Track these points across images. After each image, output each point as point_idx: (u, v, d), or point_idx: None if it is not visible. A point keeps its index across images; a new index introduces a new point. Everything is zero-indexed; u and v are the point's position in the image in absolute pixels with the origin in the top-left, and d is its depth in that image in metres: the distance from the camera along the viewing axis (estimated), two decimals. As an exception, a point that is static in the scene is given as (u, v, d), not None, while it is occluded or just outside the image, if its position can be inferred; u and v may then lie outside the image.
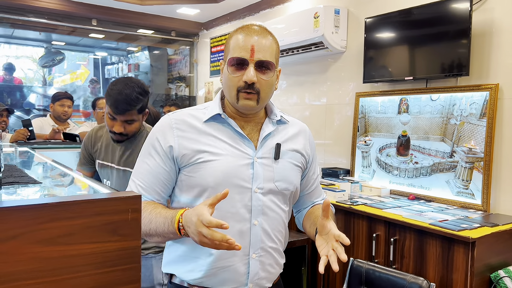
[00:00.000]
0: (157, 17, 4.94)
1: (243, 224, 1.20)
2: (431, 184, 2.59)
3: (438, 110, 2.56)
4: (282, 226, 1.28)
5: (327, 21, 3.13)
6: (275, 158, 1.24)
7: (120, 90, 1.76)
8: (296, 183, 1.28)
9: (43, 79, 8.03)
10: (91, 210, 0.91)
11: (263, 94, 1.20)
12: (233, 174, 1.19)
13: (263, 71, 1.18)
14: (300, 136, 1.33)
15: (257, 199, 1.21)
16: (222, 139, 1.23)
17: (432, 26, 2.54)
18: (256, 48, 1.17)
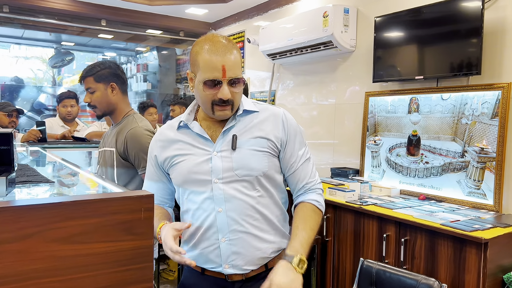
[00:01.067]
0: (165, 17, 4.95)
1: (209, 212, 1.35)
2: (442, 184, 2.57)
3: (449, 109, 2.54)
4: (252, 210, 1.35)
5: (337, 20, 3.12)
6: (232, 149, 1.34)
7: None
8: (261, 168, 1.35)
9: (52, 79, 8.09)
10: (105, 209, 0.92)
11: (236, 102, 1.35)
12: (194, 170, 1.36)
13: (235, 86, 1.32)
14: (267, 122, 1.39)
15: (218, 189, 1.34)
16: (188, 142, 1.40)
17: (442, 25, 2.52)
18: (226, 67, 1.28)
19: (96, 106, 2.02)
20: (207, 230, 1.36)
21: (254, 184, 1.35)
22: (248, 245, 1.35)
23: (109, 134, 2.11)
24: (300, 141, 1.43)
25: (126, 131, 1.99)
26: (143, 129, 2.01)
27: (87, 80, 2.00)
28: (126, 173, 2.02)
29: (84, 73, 2.01)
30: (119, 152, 1.99)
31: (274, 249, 1.39)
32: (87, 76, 2.00)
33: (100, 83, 2.01)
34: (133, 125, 2.00)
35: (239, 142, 1.35)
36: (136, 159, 1.95)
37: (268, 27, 3.83)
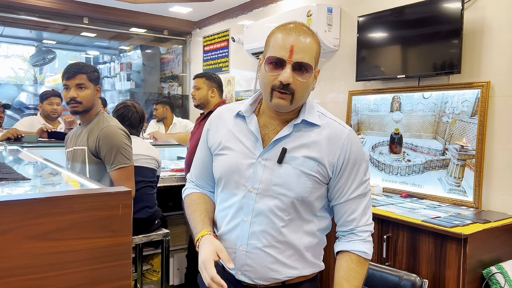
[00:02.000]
0: (149, 16, 4.91)
1: (235, 217, 1.27)
2: (424, 181, 2.60)
3: (430, 108, 2.58)
4: (276, 233, 1.24)
5: (320, 20, 3.13)
6: (278, 162, 1.22)
7: (70, 64, 2.13)
8: (302, 192, 1.22)
9: (34, 78, 7.95)
10: (82, 206, 0.90)
11: (297, 95, 1.19)
12: (234, 171, 1.26)
13: (301, 73, 1.18)
14: (326, 142, 1.24)
15: (250, 198, 1.24)
16: (238, 136, 1.29)
17: (424, 25, 2.55)
18: (295, 49, 1.16)
19: (82, 102, 2.09)
20: (229, 232, 1.29)
21: (287, 206, 1.23)
22: (262, 263, 1.26)
23: (78, 133, 2.17)
24: (359, 172, 1.26)
25: (99, 130, 2.09)
26: (116, 128, 2.14)
27: (80, 76, 2.07)
28: (98, 169, 2.11)
29: (78, 69, 2.07)
30: (91, 149, 2.08)
31: (293, 275, 1.27)
32: (81, 72, 2.07)
33: (91, 83, 2.11)
34: (105, 123, 2.12)
35: (287, 157, 1.22)
36: (107, 156, 2.05)
37: (252, 26, 3.83)
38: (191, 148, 2.92)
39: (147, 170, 2.75)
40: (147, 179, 2.73)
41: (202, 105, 2.95)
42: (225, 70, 4.70)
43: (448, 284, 1.93)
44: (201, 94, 2.94)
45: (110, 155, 2.06)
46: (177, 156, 4.25)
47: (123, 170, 2.08)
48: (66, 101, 2.12)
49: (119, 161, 2.07)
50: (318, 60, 1.24)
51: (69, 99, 2.08)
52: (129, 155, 2.12)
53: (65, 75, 2.09)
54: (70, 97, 2.08)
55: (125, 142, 2.12)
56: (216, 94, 2.94)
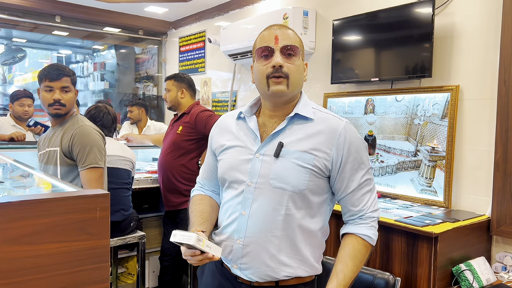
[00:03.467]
0: (124, 15, 4.85)
1: (235, 210, 1.32)
2: (396, 182, 2.67)
3: (403, 110, 2.65)
4: (274, 226, 1.26)
5: (296, 23, 3.17)
6: (275, 156, 1.27)
7: (50, 65, 2.12)
8: (299, 185, 1.25)
9: (2, 77, 7.70)
10: (58, 209, 0.89)
11: (292, 79, 1.27)
12: (234, 167, 1.32)
13: (289, 57, 1.27)
14: (321, 135, 1.28)
15: (249, 192, 1.28)
16: (239, 135, 1.36)
17: (397, 29, 2.62)
18: (280, 37, 1.27)
19: (66, 105, 2.10)
20: (228, 226, 1.34)
21: (285, 200, 1.26)
22: (258, 258, 1.28)
23: (51, 135, 2.16)
24: (359, 162, 1.29)
25: (74, 129, 2.08)
26: (91, 127, 2.14)
27: (66, 79, 2.08)
28: (70, 171, 2.09)
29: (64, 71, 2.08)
30: (64, 150, 2.06)
31: (288, 273, 1.28)
32: (66, 75, 2.08)
33: (73, 86, 2.14)
34: (79, 123, 2.12)
35: (284, 151, 1.27)
36: (80, 154, 2.04)
37: (229, 28, 3.83)
38: (164, 149, 2.91)
39: (122, 171, 2.72)
40: (122, 181, 2.69)
41: (174, 107, 2.94)
42: (201, 71, 4.68)
43: (420, 281, 1.98)
44: (171, 96, 2.93)
45: (82, 153, 2.03)
46: (152, 158, 4.21)
47: (94, 171, 2.05)
48: (47, 103, 2.07)
49: (90, 161, 2.04)
50: (303, 52, 1.34)
51: (53, 101, 2.06)
52: (102, 157, 2.09)
53: (48, 76, 2.05)
54: (55, 99, 2.05)
55: (99, 142, 2.09)
56: (186, 94, 2.92)
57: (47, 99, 2.06)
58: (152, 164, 3.86)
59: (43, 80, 2.06)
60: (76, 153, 2.04)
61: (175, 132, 2.82)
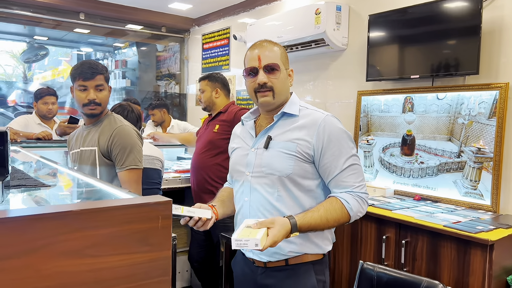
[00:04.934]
0: (147, 12, 4.79)
1: (241, 199, 1.53)
2: (438, 184, 2.55)
3: (445, 109, 2.52)
4: (270, 206, 1.44)
5: (329, 18, 3.06)
6: (264, 148, 1.47)
7: (82, 62, 2.01)
8: (284, 169, 1.42)
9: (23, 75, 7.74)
10: (119, 218, 0.82)
11: (276, 90, 1.47)
12: (237, 162, 1.57)
13: (272, 73, 1.47)
14: (304, 128, 1.45)
15: (248, 181, 1.50)
16: (241, 136, 1.61)
17: (440, 23, 2.50)
18: (261, 57, 1.47)
19: (101, 104, 2.02)
20: (239, 213, 1.55)
21: (275, 183, 1.44)
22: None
23: (85, 134, 2.08)
24: (340, 149, 1.41)
25: (113, 129, 2.01)
26: (130, 128, 2.06)
27: (99, 77, 2.00)
28: (108, 172, 2.02)
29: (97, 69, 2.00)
30: (102, 150, 1.98)
31: (294, 249, 1.43)
32: (99, 73, 2.00)
33: (107, 83, 2.05)
34: (118, 123, 2.04)
35: (272, 143, 1.47)
36: (120, 155, 1.97)
37: (256, 24, 3.74)
38: (199, 148, 2.83)
39: (152, 171, 2.65)
40: (152, 181, 2.63)
41: (209, 108, 2.87)
42: (225, 68, 4.60)
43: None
44: (206, 97, 2.86)
45: (122, 154, 1.96)
46: (177, 157, 4.15)
47: (133, 172, 1.98)
48: (81, 103, 1.99)
49: (130, 162, 1.97)
50: (286, 61, 1.53)
51: (88, 101, 1.97)
52: (141, 158, 2.03)
53: (82, 75, 1.96)
54: (90, 99, 1.96)
55: (138, 143, 2.03)
56: (220, 94, 2.86)
57: (82, 98, 1.97)
58: (179, 163, 3.79)
59: (76, 79, 1.97)
60: (115, 154, 1.97)
61: (211, 131, 2.75)
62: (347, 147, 1.42)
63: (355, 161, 1.43)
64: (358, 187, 1.42)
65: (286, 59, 1.53)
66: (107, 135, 2.00)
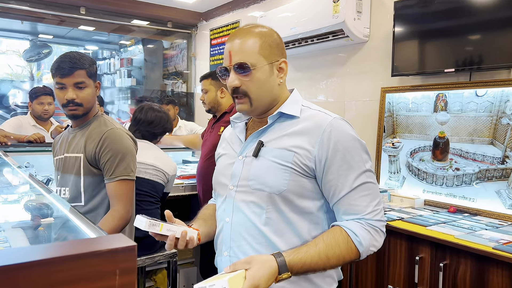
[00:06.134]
0: (152, 6, 4.52)
1: (221, 219, 1.24)
2: (477, 194, 2.21)
3: (486, 107, 2.18)
4: (256, 231, 1.14)
5: (349, 6, 2.74)
6: (253, 156, 1.17)
7: (62, 55, 1.72)
8: (278, 185, 1.12)
9: (30, 74, 7.55)
10: (44, 279, 0.53)
11: (253, 95, 1.17)
12: (220, 172, 1.28)
13: (245, 73, 1.15)
14: (305, 133, 1.15)
15: (230, 196, 1.20)
16: (229, 140, 1.32)
17: (479, 9, 2.16)
18: (232, 53, 1.16)
19: (83, 104, 1.72)
20: (217, 236, 1.26)
21: (265, 202, 1.13)
22: None
23: (71, 138, 1.81)
24: (349, 162, 1.11)
25: (102, 133, 1.72)
26: (122, 131, 1.77)
27: (79, 72, 1.68)
28: (94, 182, 1.73)
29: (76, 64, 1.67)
30: (88, 157, 1.71)
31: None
32: (79, 68, 1.68)
33: (91, 79, 1.74)
34: (109, 126, 1.75)
35: (263, 150, 1.17)
36: (109, 163, 1.68)
37: (267, 16, 3.43)
38: (204, 154, 2.54)
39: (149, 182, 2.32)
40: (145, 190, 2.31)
41: (214, 109, 2.58)
42: (234, 65, 4.30)
43: (530, 329, 1.54)
44: (210, 97, 2.57)
45: (112, 162, 1.68)
46: (182, 160, 3.86)
47: (125, 184, 1.70)
48: (61, 103, 1.70)
49: (121, 172, 1.68)
50: (272, 52, 1.17)
51: (66, 101, 1.67)
52: (134, 167, 1.74)
53: (59, 71, 1.66)
54: (68, 99, 1.67)
55: (131, 150, 1.74)
56: (226, 93, 2.56)
57: (60, 98, 1.69)
58: (183, 168, 3.50)
59: (54, 76, 1.69)
60: (104, 161, 1.68)
61: (216, 134, 2.45)
62: (359, 159, 1.12)
63: (369, 179, 1.13)
64: (371, 213, 1.11)
65: (272, 48, 1.18)
66: (95, 140, 1.72)
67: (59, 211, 1.18)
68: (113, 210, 1.68)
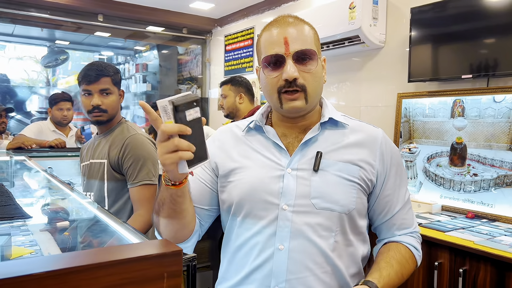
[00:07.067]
0: (168, 13, 4.59)
1: (266, 247, 1.01)
2: (495, 200, 2.20)
3: (504, 113, 2.18)
4: (322, 258, 1.00)
5: (365, 12, 2.76)
6: (314, 170, 1.01)
7: (89, 64, 1.79)
8: (348, 203, 1.01)
9: (46, 80, 7.69)
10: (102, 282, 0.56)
11: (310, 90, 1.02)
12: (259, 188, 1.03)
13: (305, 63, 1.01)
14: (363, 145, 1.06)
15: (285, 219, 1.00)
16: (255, 149, 1.08)
17: (497, 15, 2.16)
18: (290, 39, 0.99)
19: (107, 111, 1.79)
20: (256, 270, 1.02)
21: (333, 224, 1.01)
22: None
23: (96, 144, 1.86)
24: (401, 176, 1.10)
25: (124, 139, 1.77)
26: (143, 137, 1.81)
27: (104, 80, 1.76)
28: (117, 188, 1.78)
29: (102, 72, 1.76)
30: (112, 163, 1.76)
31: None
32: (105, 75, 1.76)
33: (116, 87, 1.81)
34: (131, 132, 1.80)
35: (324, 163, 1.02)
36: (132, 168, 1.73)
37: (282, 22, 3.47)
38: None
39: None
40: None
41: (232, 114, 2.62)
42: (249, 70, 4.35)
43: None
44: (228, 103, 2.61)
45: (135, 167, 1.72)
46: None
47: (147, 188, 1.74)
48: (87, 109, 1.78)
49: (143, 177, 1.73)
50: (319, 47, 1.07)
51: (92, 107, 1.75)
52: (156, 172, 1.78)
53: (86, 78, 1.74)
54: (94, 105, 1.74)
55: (153, 155, 1.78)
56: (245, 99, 2.61)
57: (86, 105, 1.76)
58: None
59: (81, 83, 1.78)
60: (127, 167, 1.73)
61: None
62: (405, 173, 1.14)
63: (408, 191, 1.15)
64: (417, 226, 1.14)
65: (319, 43, 1.08)
66: (118, 146, 1.77)
67: (90, 214, 1.22)
68: (136, 214, 1.72)
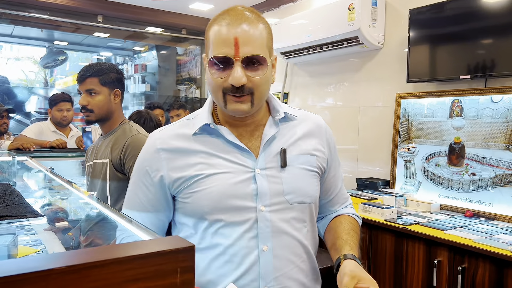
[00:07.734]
0: (167, 14, 4.60)
1: (249, 251, 1.00)
2: (493, 199, 2.24)
3: (502, 113, 2.22)
4: (300, 249, 1.05)
5: (364, 14, 2.79)
6: (281, 167, 1.03)
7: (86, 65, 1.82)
8: (315, 193, 1.08)
9: (44, 80, 7.69)
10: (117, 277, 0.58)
11: (258, 94, 0.98)
12: (231, 194, 0.99)
13: (254, 68, 0.96)
14: (313, 133, 1.11)
15: (265, 219, 1.00)
16: (215, 153, 1.02)
17: (495, 15, 2.20)
18: (241, 41, 0.93)
19: (94, 110, 1.80)
20: (242, 277, 0.99)
21: (305, 215, 1.06)
22: None
23: (99, 145, 1.89)
24: (337, 157, 1.20)
25: (126, 138, 1.80)
26: (145, 137, 1.82)
27: (91, 80, 1.78)
28: (120, 187, 1.80)
29: (87, 72, 1.78)
30: (114, 162, 1.79)
31: None
32: (91, 76, 1.78)
33: (105, 87, 1.81)
34: (133, 132, 1.83)
35: (287, 158, 1.05)
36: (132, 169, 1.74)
37: (282, 23, 3.49)
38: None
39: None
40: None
41: None
42: (248, 71, 4.37)
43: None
44: None
45: None
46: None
47: None
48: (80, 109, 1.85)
49: None
50: (271, 46, 1.02)
51: (81, 106, 1.82)
52: None
53: (77, 79, 1.83)
54: (80, 105, 1.81)
55: None
56: None
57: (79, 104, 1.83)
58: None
59: None
60: (128, 167, 1.76)
61: None
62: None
63: None
64: (349, 196, 1.27)
65: (271, 41, 1.02)
66: (120, 146, 1.79)
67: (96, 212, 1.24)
68: None
